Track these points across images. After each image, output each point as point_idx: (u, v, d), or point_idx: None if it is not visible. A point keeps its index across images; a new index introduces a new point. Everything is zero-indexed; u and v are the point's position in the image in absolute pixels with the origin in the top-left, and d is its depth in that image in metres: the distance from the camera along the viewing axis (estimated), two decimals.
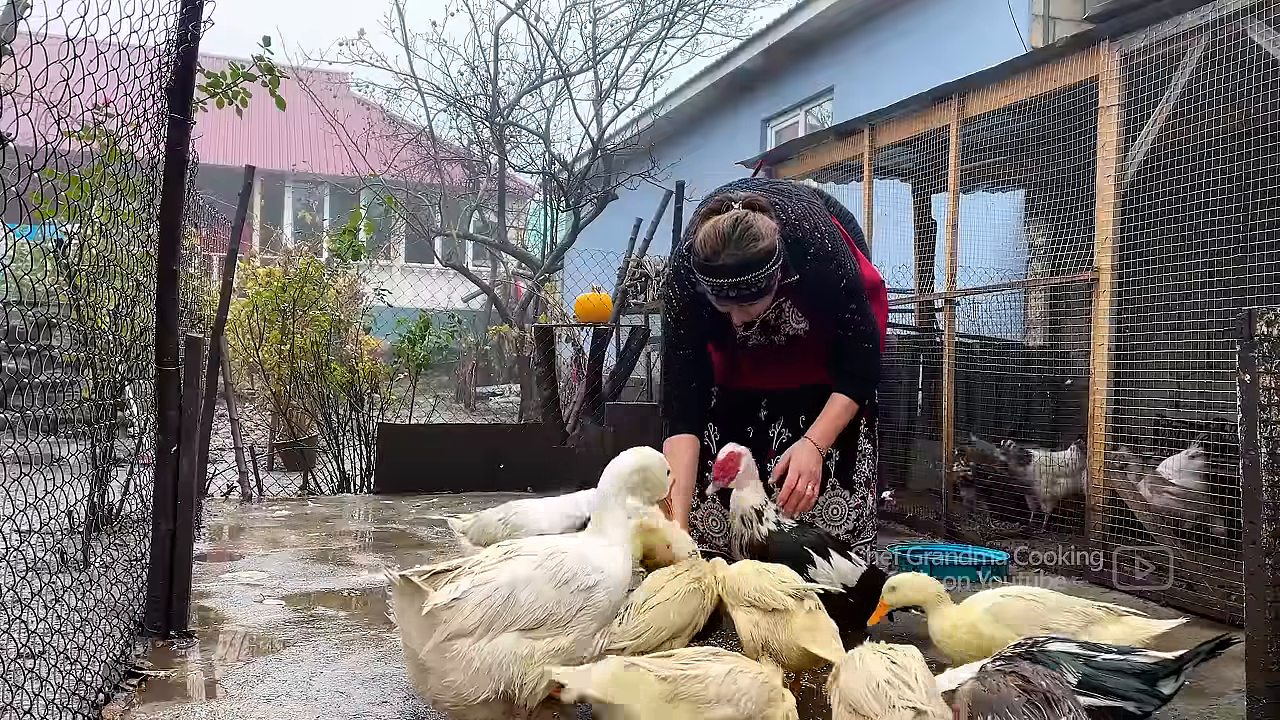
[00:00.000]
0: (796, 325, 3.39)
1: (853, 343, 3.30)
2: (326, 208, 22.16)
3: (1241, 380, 2.23)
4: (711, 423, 3.59)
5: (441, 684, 1.99)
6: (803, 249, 3.16)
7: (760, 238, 2.96)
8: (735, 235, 2.95)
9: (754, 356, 3.55)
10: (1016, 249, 6.86)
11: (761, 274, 2.97)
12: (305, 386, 7.30)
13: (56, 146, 2.03)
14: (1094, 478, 4.35)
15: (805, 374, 3.49)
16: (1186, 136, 4.17)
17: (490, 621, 1.98)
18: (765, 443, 3.56)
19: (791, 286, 3.17)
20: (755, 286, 3.00)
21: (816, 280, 3.19)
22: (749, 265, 2.95)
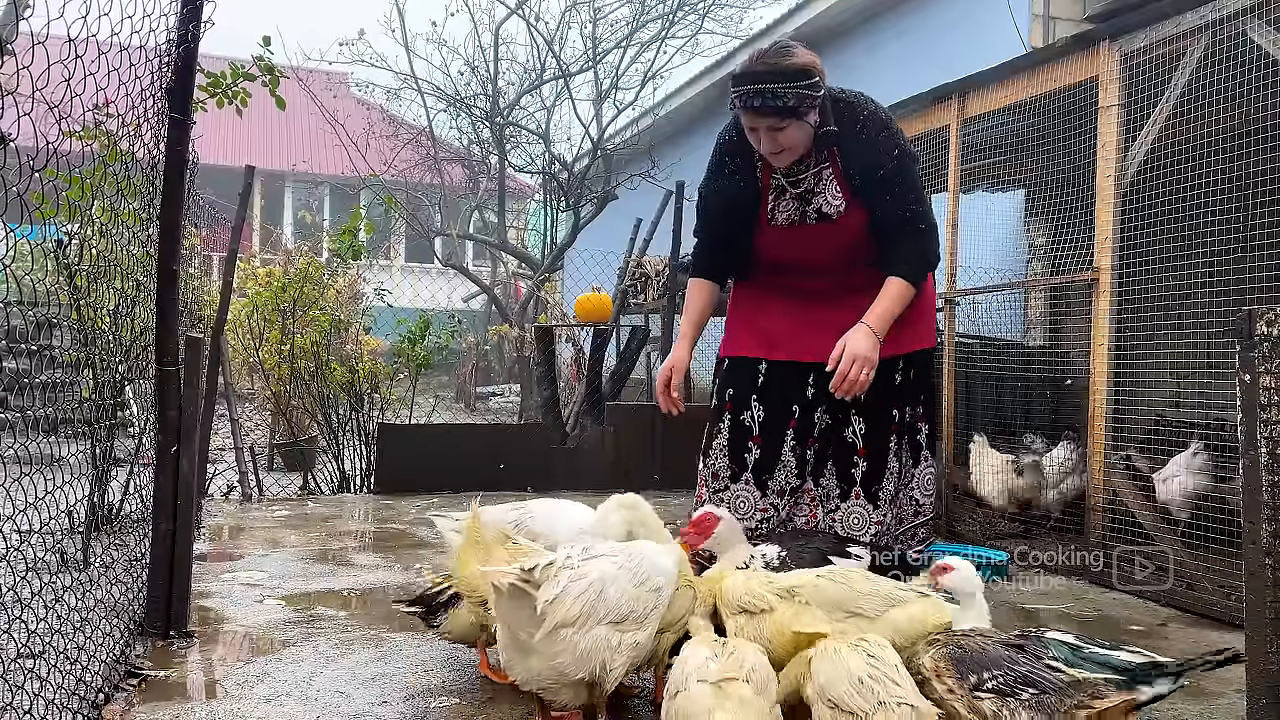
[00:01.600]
0: (834, 201, 3.23)
1: (906, 221, 3.18)
2: (326, 208, 22.17)
3: (1241, 380, 2.23)
4: (756, 400, 3.45)
5: (549, 665, 2.23)
6: (855, 112, 3.17)
7: (795, 55, 3.01)
8: (772, 50, 3.04)
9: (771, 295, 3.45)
10: (1016, 249, 6.86)
11: (791, 86, 2.98)
12: (305, 386, 7.31)
13: (57, 146, 2.03)
14: (1094, 478, 4.36)
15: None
16: (1186, 136, 4.17)
17: (588, 614, 2.22)
18: (809, 426, 3.45)
19: (834, 145, 3.15)
20: (783, 98, 2.98)
21: (868, 145, 3.16)
22: (779, 74, 2.98)
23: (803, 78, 2.99)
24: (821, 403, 3.42)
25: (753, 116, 3.06)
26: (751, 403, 3.45)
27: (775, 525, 3.45)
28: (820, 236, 3.27)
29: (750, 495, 3.48)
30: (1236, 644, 2.32)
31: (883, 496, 3.43)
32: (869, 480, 3.44)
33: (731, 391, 3.47)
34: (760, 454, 3.43)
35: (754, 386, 3.45)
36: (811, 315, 3.40)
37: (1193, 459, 4.39)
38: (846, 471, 3.45)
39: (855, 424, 3.42)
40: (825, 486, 3.48)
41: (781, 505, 3.45)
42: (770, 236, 3.34)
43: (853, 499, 3.44)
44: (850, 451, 3.44)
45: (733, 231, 3.40)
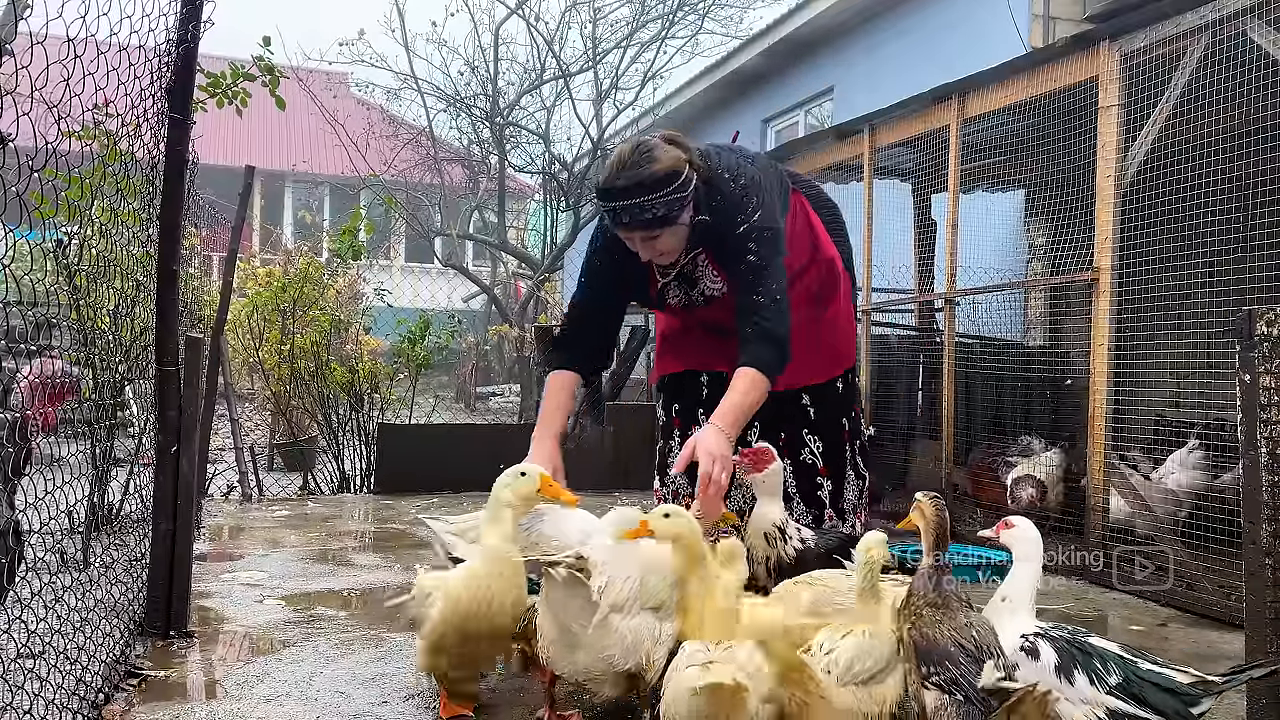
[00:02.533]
0: (713, 284, 3.12)
1: (751, 306, 2.92)
2: (326, 208, 22.15)
3: (1241, 380, 2.23)
4: (703, 413, 3.38)
5: (598, 658, 2.29)
6: (715, 191, 2.96)
7: (657, 160, 2.81)
8: (633, 158, 2.84)
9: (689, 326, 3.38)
10: (1016, 249, 6.86)
11: (656, 198, 2.80)
12: (305, 386, 7.30)
13: (57, 147, 2.03)
14: (1094, 478, 4.35)
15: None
16: (1186, 136, 4.17)
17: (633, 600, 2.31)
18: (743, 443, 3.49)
19: (703, 232, 2.98)
20: (649, 211, 2.81)
21: (722, 223, 2.95)
22: (642, 186, 2.79)
23: (669, 183, 2.81)
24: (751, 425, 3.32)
25: (622, 229, 2.92)
26: (699, 415, 3.37)
27: None
28: (713, 311, 3.20)
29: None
30: (1236, 644, 2.32)
31: (847, 507, 3.45)
32: (836, 497, 3.43)
33: (677, 406, 3.42)
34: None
35: (698, 398, 3.39)
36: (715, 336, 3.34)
37: (1188, 455, 4.40)
38: (814, 494, 3.40)
39: (812, 444, 3.39)
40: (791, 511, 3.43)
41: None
42: (667, 312, 3.33)
43: (826, 522, 3.41)
44: (813, 473, 3.40)
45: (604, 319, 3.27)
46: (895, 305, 6.69)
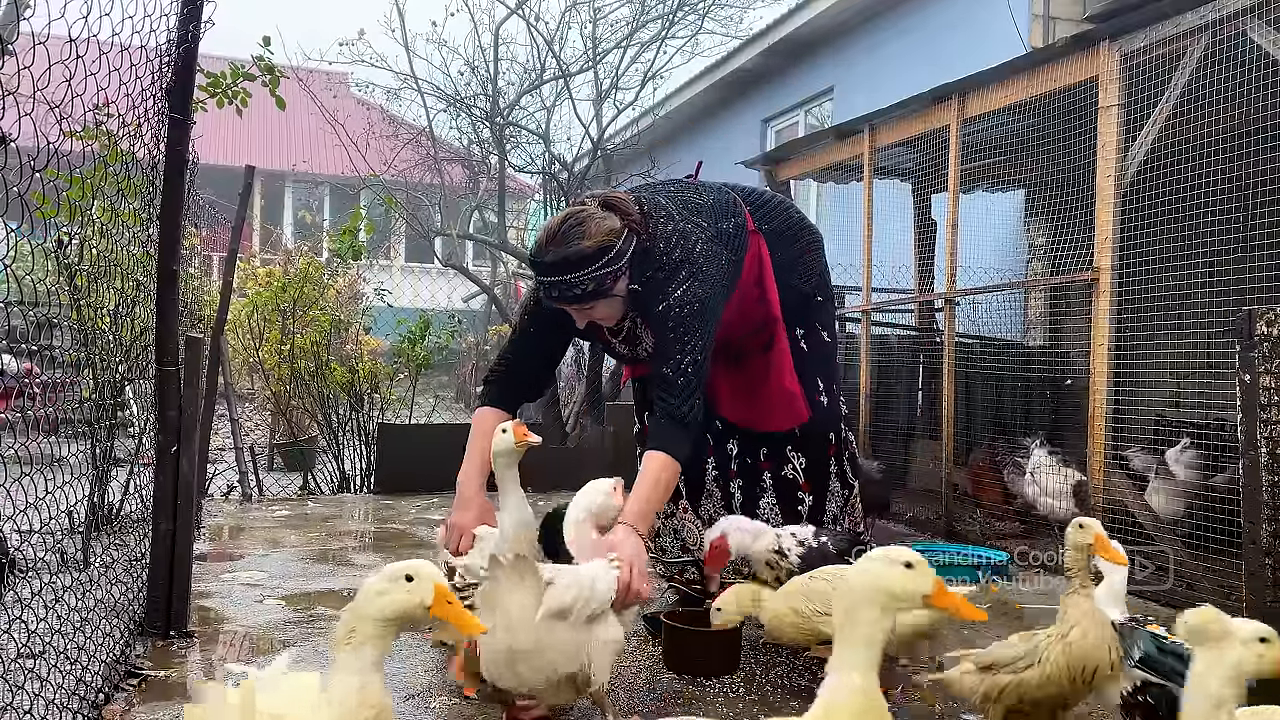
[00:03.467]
0: (651, 345, 3.07)
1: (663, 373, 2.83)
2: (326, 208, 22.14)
3: (1241, 380, 2.23)
4: None
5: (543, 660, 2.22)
6: (649, 263, 2.89)
7: (585, 237, 2.75)
8: (560, 232, 2.77)
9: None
10: (1016, 249, 6.87)
11: (582, 275, 2.75)
12: (305, 386, 7.30)
13: (58, 146, 2.03)
14: (1094, 478, 4.36)
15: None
16: (1186, 136, 4.17)
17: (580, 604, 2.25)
18: (725, 458, 3.50)
19: (634, 300, 2.93)
20: (577, 288, 2.77)
21: (649, 296, 2.89)
22: (568, 264, 2.74)
23: (596, 259, 2.75)
24: (732, 435, 3.43)
25: (555, 304, 2.89)
26: None
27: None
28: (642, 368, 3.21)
29: (693, 524, 3.47)
30: None
31: (828, 520, 3.44)
32: (816, 511, 3.43)
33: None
34: (686, 479, 3.39)
35: None
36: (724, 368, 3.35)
37: (1180, 454, 4.42)
38: (793, 509, 3.42)
39: (795, 459, 3.41)
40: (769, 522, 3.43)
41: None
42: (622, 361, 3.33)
43: None
44: (794, 488, 3.42)
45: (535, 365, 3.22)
46: (895, 305, 6.69)
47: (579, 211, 2.82)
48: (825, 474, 3.43)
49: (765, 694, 2.77)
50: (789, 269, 3.33)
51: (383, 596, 1.63)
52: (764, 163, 7.02)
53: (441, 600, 1.66)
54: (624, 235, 2.80)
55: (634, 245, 2.83)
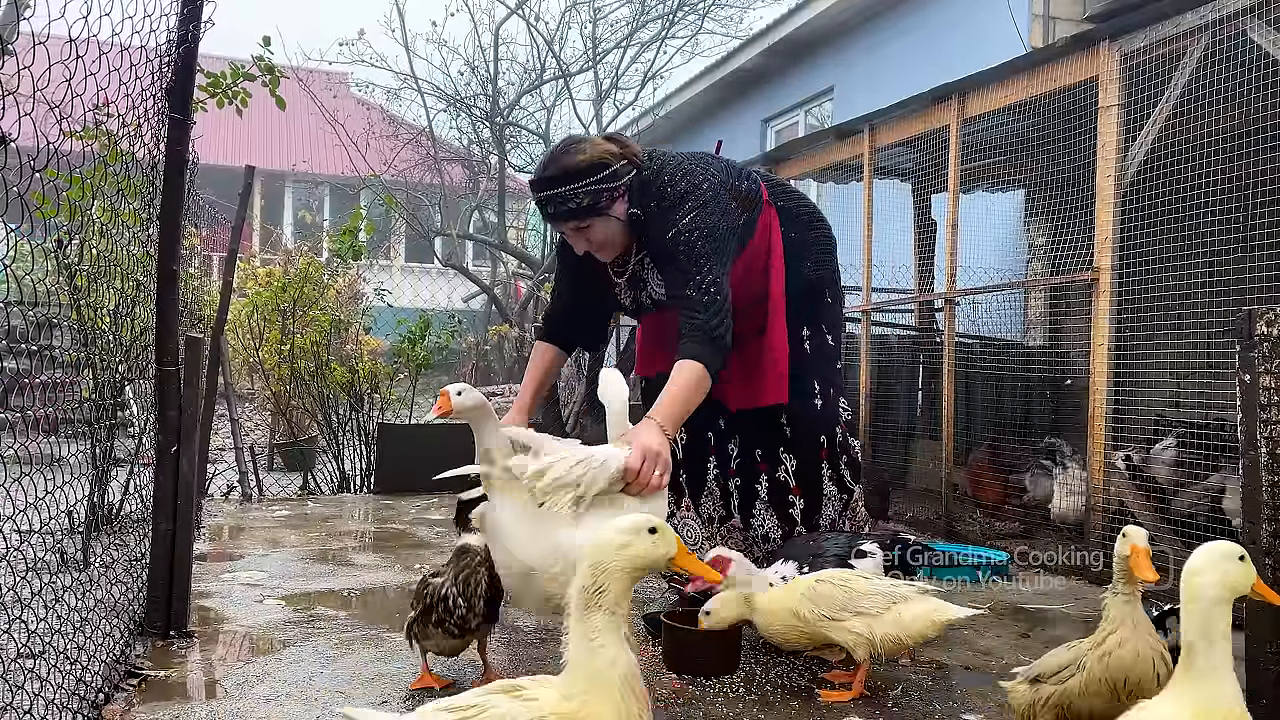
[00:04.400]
0: (658, 288, 3.10)
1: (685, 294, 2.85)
2: (326, 208, 22.15)
3: (1241, 380, 2.23)
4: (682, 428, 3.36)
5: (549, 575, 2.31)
6: (653, 193, 2.95)
7: (583, 151, 2.85)
8: (559, 149, 2.90)
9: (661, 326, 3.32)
10: (1016, 249, 6.87)
11: (577, 188, 2.82)
12: (305, 386, 7.30)
13: (58, 146, 2.03)
14: (1094, 478, 4.36)
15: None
16: (1186, 136, 4.17)
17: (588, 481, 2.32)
18: (726, 456, 3.48)
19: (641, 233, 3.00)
20: (571, 201, 2.83)
21: (657, 226, 2.94)
22: (565, 176, 2.82)
23: (593, 173, 2.83)
24: (734, 435, 3.42)
25: (553, 222, 2.95)
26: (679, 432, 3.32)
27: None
28: (662, 317, 3.21)
29: (694, 523, 3.47)
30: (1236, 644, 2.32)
31: (824, 523, 3.43)
32: (809, 514, 3.41)
33: None
34: (688, 477, 3.42)
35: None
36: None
37: (1163, 452, 4.43)
38: (785, 512, 3.42)
39: (787, 461, 3.39)
40: (761, 528, 3.44)
41: (713, 536, 3.43)
42: (625, 312, 3.35)
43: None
44: (785, 491, 3.41)
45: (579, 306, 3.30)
46: (895, 305, 6.69)
47: (578, 136, 2.98)
48: (817, 477, 3.40)
49: (765, 694, 2.77)
50: (800, 253, 3.33)
51: (627, 549, 1.62)
52: (764, 163, 7.02)
53: (684, 552, 1.71)
54: (621, 160, 2.89)
55: (632, 173, 2.92)
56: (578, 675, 1.54)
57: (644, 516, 1.67)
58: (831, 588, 2.71)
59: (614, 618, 1.56)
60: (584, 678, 1.53)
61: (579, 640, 1.55)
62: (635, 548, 1.62)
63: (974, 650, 3.28)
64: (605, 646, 1.54)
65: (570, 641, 1.57)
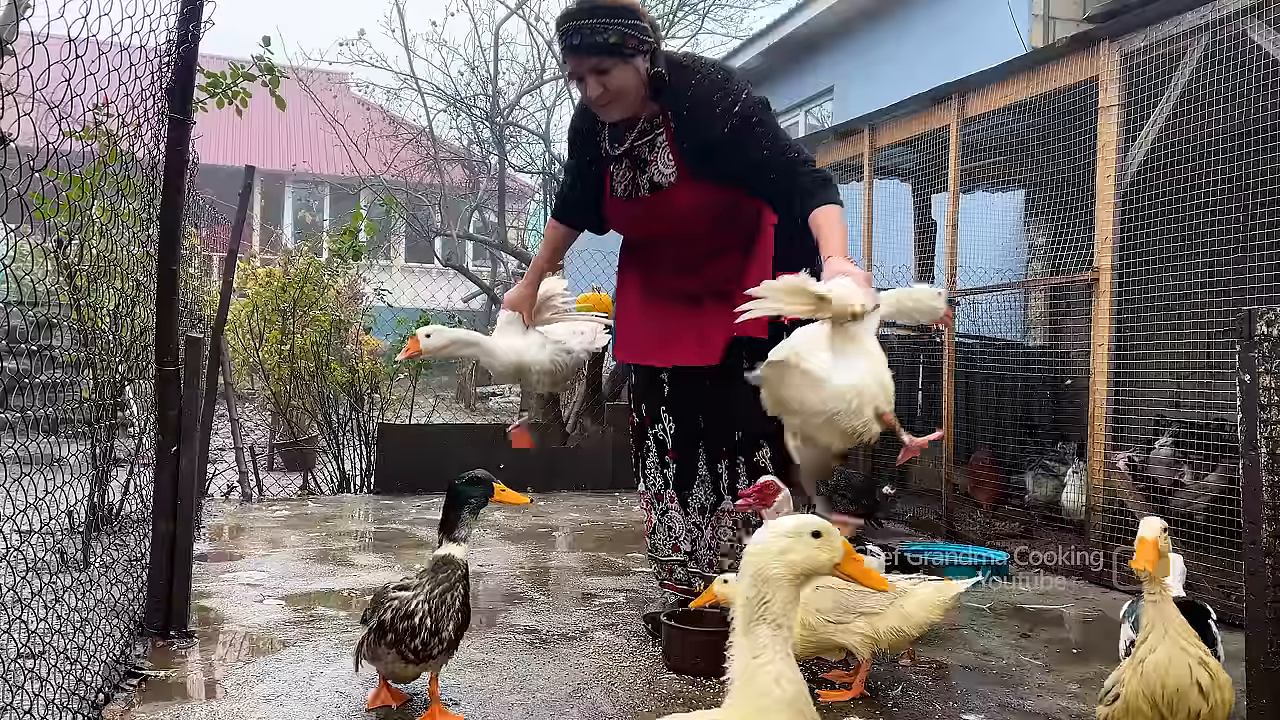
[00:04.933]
0: (665, 171, 3.10)
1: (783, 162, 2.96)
2: (326, 208, 22.15)
3: (1241, 380, 2.23)
4: (665, 412, 3.38)
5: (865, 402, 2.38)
6: (686, 77, 3.01)
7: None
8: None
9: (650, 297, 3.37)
10: (1016, 249, 6.86)
11: (610, 22, 2.84)
12: (305, 386, 7.30)
13: (57, 146, 2.03)
14: (1094, 478, 4.36)
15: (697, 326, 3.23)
16: (1186, 136, 4.17)
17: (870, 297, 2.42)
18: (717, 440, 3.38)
19: (668, 110, 3.04)
20: (603, 34, 2.84)
21: (701, 112, 2.99)
22: (599, 9, 2.84)
23: (625, 15, 2.87)
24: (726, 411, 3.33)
25: (575, 58, 2.93)
26: (662, 415, 3.38)
27: (700, 547, 3.36)
28: (654, 209, 3.17)
29: (678, 515, 3.40)
30: (1236, 644, 2.32)
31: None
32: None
33: (645, 406, 3.44)
34: (677, 468, 3.37)
35: (661, 397, 3.39)
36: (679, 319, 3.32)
37: (1159, 451, 4.43)
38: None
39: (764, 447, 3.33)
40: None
41: (703, 524, 3.37)
42: (613, 209, 3.32)
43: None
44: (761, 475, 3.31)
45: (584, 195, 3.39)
46: None
47: None
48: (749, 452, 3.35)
49: None
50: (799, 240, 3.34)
51: (789, 554, 1.47)
52: None
53: (851, 556, 1.54)
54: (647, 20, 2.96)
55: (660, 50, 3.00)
56: (741, 698, 1.40)
57: (806, 518, 1.52)
58: (834, 591, 2.71)
59: (780, 631, 1.42)
60: (748, 699, 1.38)
61: (743, 658, 1.41)
62: (797, 552, 1.47)
63: (974, 650, 3.28)
64: (770, 663, 1.39)
65: (734, 660, 1.44)
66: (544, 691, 2.75)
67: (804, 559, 1.47)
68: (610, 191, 3.27)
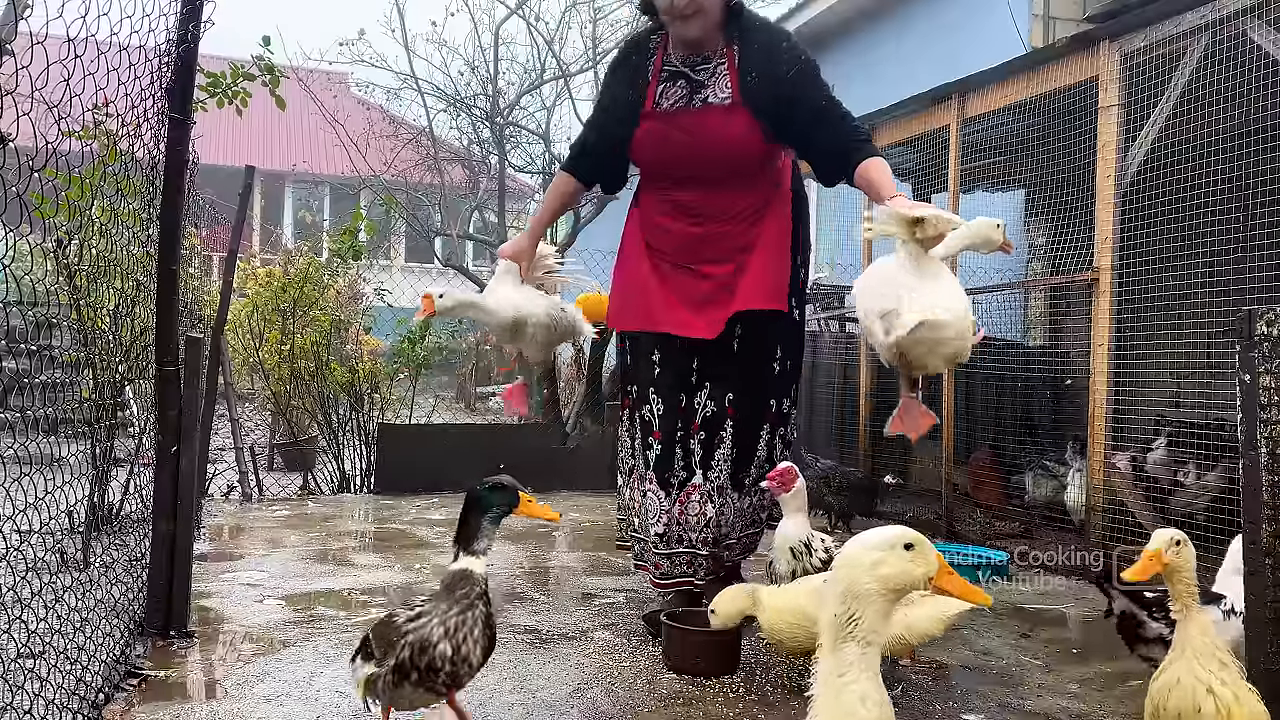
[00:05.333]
0: (721, 94, 3.18)
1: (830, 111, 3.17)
2: (326, 208, 22.15)
3: (1241, 380, 2.23)
4: (654, 393, 3.32)
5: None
6: (757, 19, 3.23)
7: None
8: None
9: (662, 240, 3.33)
10: (1016, 249, 6.86)
11: None
12: (305, 386, 7.30)
13: (57, 146, 2.03)
14: (1094, 477, 4.36)
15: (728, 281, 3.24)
16: (1186, 136, 4.17)
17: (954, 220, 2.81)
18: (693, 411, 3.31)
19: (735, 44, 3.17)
20: None
21: (769, 52, 3.16)
22: None
23: None
24: (704, 385, 3.30)
25: None
26: (650, 396, 3.34)
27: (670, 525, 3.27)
28: (699, 124, 3.21)
29: (657, 496, 3.31)
30: None
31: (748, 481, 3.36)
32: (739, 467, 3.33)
33: (635, 389, 3.41)
34: (660, 448, 3.30)
35: (652, 377, 3.34)
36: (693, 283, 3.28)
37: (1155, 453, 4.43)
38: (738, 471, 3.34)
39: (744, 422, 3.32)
40: (717, 480, 3.30)
41: (672, 502, 3.28)
42: (650, 125, 3.26)
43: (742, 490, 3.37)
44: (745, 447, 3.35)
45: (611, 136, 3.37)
46: None
47: None
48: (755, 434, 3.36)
49: (765, 694, 2.77)
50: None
51: (880, 567, 1.38)
52: None
53: (945, 570, 1.45)
54: None
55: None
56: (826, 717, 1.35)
57: (899, 529, 1.44)
58: None
59: (870, 650, 1.35)
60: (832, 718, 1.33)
61: (827, 678, 1.35)
62: (890, 566, 1.39)
63: (974, 650, 3.28)
64: (855, 682, 1.34)
65: (818, 681, 1.38)
66: (544, 691, 2.75)
67: (898, 573, 1.39)
68: (654, 104, 3.27)
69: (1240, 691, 1.90)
